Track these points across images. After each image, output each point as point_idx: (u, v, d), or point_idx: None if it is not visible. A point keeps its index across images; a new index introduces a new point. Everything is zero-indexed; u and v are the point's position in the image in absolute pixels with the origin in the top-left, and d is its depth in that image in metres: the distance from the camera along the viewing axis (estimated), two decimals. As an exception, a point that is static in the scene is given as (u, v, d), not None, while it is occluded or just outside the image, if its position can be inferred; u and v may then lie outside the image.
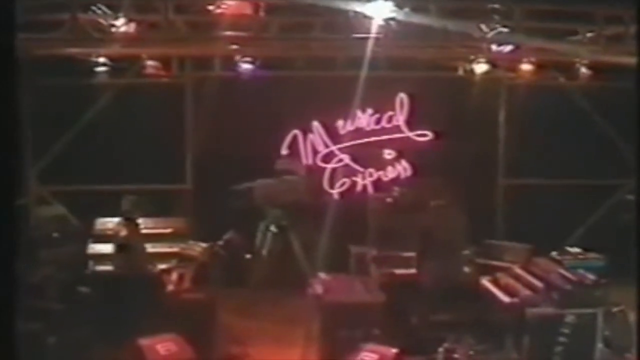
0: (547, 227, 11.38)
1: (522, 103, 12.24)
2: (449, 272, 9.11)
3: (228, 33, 9.66)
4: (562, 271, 8.89)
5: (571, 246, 10.62)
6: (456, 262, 9.33)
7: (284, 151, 12.20)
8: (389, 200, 10.95)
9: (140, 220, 9.83)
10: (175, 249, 10.30)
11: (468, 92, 12.06)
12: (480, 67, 11.50)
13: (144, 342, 7.51)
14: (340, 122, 12.27)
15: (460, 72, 12.38)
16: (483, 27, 9.70)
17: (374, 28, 9.25)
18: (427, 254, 9.14)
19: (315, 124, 12.28)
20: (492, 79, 12.14)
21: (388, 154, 12.43)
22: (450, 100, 12.14)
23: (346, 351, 7.50)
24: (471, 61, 11.59)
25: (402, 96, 12.31)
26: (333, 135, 12.33)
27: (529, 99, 12.09)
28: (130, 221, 9.42)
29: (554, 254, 9.99)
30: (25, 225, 11.15)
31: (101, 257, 10.04)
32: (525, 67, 11.54)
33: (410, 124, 12.35)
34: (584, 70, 11.61)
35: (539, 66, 11.52)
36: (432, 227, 9.17)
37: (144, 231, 9.98)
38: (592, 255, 10.16)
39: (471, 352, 8.32)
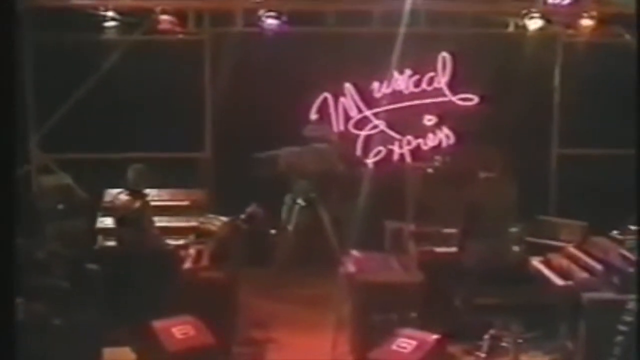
0: (607, 202, 11.19)
1: (580, 63, 12.03)
2: (495, 251, 9.01)
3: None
4: (624, 252, 8.75)
5: (634, 224, 10.49)
6: (503, 240, 9.21)
7: (313, 116, 12.15)
8: (429, 170, 10.85)
9: (154, 192, 9.87)
10: (192, 224, 10.29)
11: (519, 50, 11.90)
12: (534, 23, 11.34)
13: (159, 324, 7.57)
14: (375, 85, 12.18)
15: (511, 28, 12.20)
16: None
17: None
18: (472, 231, 9.03)
19: (348, 86, 12.20)
20: (546, 36, 11.95)
21: (428, 119, 12.33)
22: (499, 60, 11.96)
23: (381, 336, 7.49)
24: (523, 16, 11.42)
25: (445, 55, 12.16)
26: (367, 99, 12.25)
27: (588, 59, 11.89)
28: (134, 192, 9.42)
29: (614, 232, 9.87)
30: (27, 196, 11.24)
31: (111, 232, 10.08)
32: (585, 22, 11.33)
33: (454, 86, 12.22)
34: (651, 25, 11.42)
35: (601, 21, 11.32)
36: (477, 201, 9.07)
37: (158, 204, 10.03)
38: (658, 234, 10.03)
39: (520, 340, 8.29)
